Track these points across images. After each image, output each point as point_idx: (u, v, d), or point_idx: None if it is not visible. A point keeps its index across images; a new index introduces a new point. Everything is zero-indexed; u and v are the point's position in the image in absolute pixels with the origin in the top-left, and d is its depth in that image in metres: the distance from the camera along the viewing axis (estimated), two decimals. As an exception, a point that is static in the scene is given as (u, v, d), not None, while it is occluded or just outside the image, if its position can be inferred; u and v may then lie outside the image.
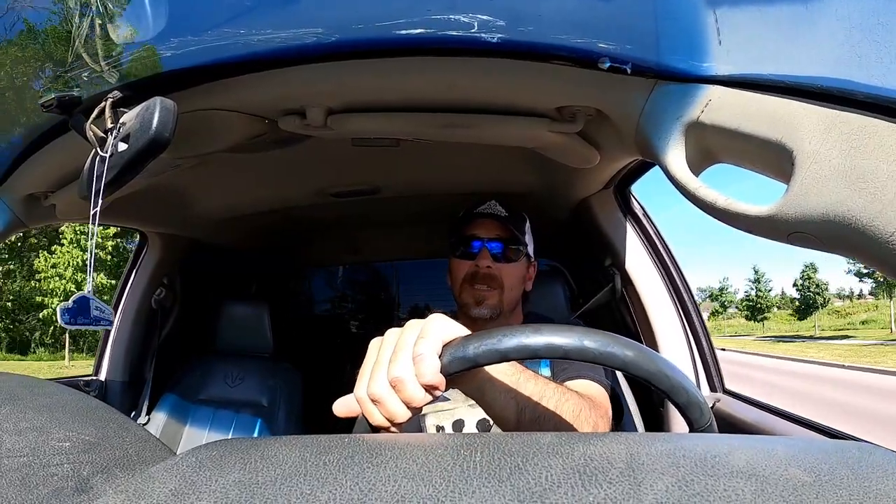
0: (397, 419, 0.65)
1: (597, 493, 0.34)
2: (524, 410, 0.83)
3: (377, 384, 0.65)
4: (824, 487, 0.34)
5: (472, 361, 0.62)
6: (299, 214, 2.32)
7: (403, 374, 0.63)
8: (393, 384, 0.64)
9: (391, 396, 0.64)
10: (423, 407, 0.66)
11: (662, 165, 0.85)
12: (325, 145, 1.34)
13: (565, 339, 0.60)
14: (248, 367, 2.48)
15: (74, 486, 0.43)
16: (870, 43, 0.55)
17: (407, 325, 0.69)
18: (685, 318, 1.82)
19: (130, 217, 2.06)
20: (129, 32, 0.79)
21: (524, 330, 0.61)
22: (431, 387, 0.63)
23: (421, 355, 0.63)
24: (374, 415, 0.66)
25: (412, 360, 0.64)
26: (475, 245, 1.49)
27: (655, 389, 0.61)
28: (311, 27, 0.78)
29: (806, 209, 0.61)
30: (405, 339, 0.67)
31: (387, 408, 0.65)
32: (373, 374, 0.67)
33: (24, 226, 1.29)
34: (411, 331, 0.68)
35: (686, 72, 0.77)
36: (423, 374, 0.62)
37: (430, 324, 0.67)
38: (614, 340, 0.61)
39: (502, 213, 1.53)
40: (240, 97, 0.99)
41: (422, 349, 0.63)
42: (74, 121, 0.88)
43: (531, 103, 1.06)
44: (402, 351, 0.65)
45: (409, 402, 0.64)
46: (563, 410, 0.89)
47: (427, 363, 0.62)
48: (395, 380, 0.64)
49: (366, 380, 0.68)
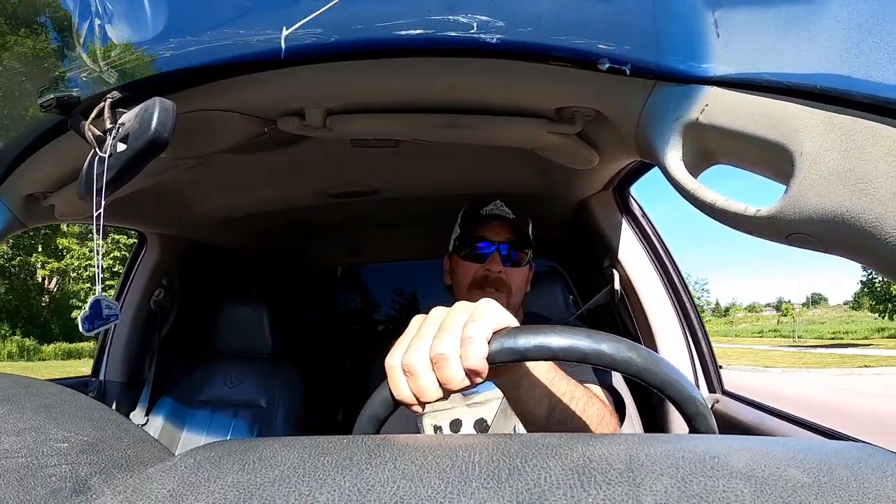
0: (426, 396, 0.62)
1: (596, 493, 0.34)
2: (555, 410, 0.81)
3: (416, 355, 0.63)
4: (823, 488, 0.34)
5: (520, 354, 0.61)
6: (298, 215, 2.32)
7: (448, 352, 0.61)
8: (434, 360, 0.62)
9: (427, 371, 0.62)
10: (450, 395, 0.64)
11: (661, 166, 0.85)
12: (325, 146, 1.34)
13: (614, 349, 0.60)
14: (247, 368, 2.47)
15: (72, 487, 0.43)
16: (869, 44, 0.55)
17: (456, 305, 0.67)
18: (684, 319, 1.82)
19: (129, 217, 2.06)
20: (128, 33, 0.79)
21: (578, 333, 0.61)
22: (474, 372, 0.61)
23: (471, 338, 0.60)
24: (401, 387, 0.64)
25: (460, 340, 0.61)
26: (484, 247, 1.47)
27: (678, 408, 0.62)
28: (311, 27, 0.78)
29: (805, 210, 0.61)
30: (454, 318, 0.64)
31: (419, 382, 0.62)
32: (412, 345, 0.64)
33: (23, 226, 1.29)
34: (461, 311, 0.65)
35: (685, 73, 0.77)
36: (468, 357, 0.60)
37: (482, 308, 0.65)
38: (655, 357, 0.61)
39: (510, 214, 1.50)
40: (238, 98, 0.99)
41: (473, 332, 0.61)
42: (73, 121, 0.88)
43: (530, 104, 1.06)
44: (450, 329, 0.63)
45: (446, 383, 0.62)
46: (589, 414, 0.88)
47: (476, 346, 0.60)
48: (439, 356, 0.61)
49: (402, 349, 0.65)
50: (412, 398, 0.63)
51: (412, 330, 0.68)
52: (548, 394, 0.80)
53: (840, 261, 2.40)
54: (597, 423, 0.89)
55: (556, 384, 0.82)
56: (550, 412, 0.81)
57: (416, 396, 0.63)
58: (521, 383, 0.77)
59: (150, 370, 2.42)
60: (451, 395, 1.28)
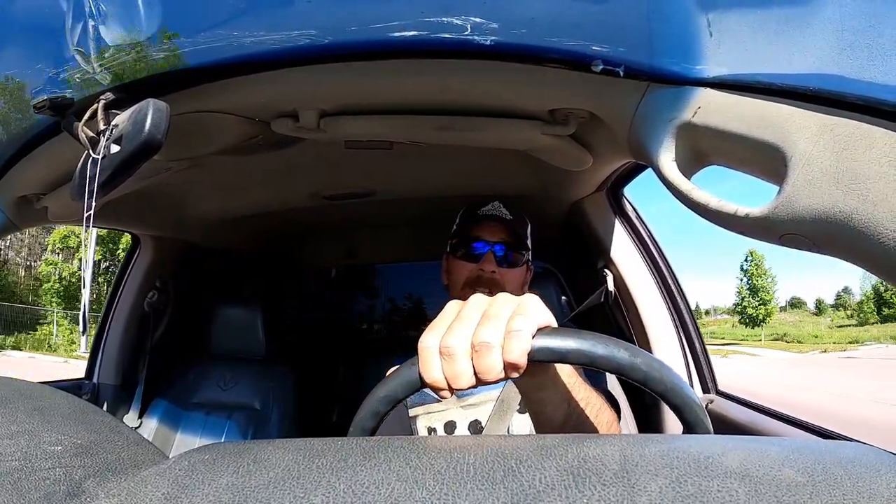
0: (459, 382, 0.60)
1: (591, 494, 0.34)
2: (571, 415, 0.80)
3: (457, 338, 0.61)
4: (818, 488, 0.34)
5: (560, 356, 0.60)
6: (293, 217, 2.32)
7: (493, 341, 0.59)
8: (476, 347, 0.60)
9: (466, 356, 0.60)
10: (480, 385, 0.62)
11: (655, 167, 0.85)
12: (319, 148, 1.33)
13: (647, 366, 0.60)
14: (242, 370, 2.47)
15: (66, 490, 0.43)
16: (861, 45, 0.56)
17: (499, 295, 0.66)
18: (678, 320, 1.83)
19: (123, 219, 2.05)
20: (121, 34, 0.79)
21: (618, 344, 0.60)
22: (513, 366, 0.59)
23: (519, 331, 0.59)
24: (433, 370, 0.61)
25: (505, 331, 0.60)
26: (479, 247, 1.47)
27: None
28: (304, 29, 0.78)
29: (798, 211, 0.61)
30: (499, 309, 0.63)
31: (456, 366, 0.60)
32: (453, 328, 0.62)
33: (16, 228, 1.28)
34: (507, 302, 0.64)
35: (679, 74, 0.77)
36: (511, 350, 0.59)
37: (529, 302, 0.63)
38: (682, 381, 0.61)
39: (507, 215, 1.51)
40: (232, 99, 0.99)
41: (520, 325, 0.60)
42: (67, 122, 0.87)
43: (524, 106, 1.06)
44: (496, 318, 0.61)
45: (483, 373, 0.60)
46: (601, 420, 0.87)
47: (522, 340, 0.59)
48: (482, 344, 0.59)
49: (440, 331, 0.63)
50: (443, 382, 0.61)
51: (450, 313, 0.66)
52: (568, 398, 0.80)
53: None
54: (607, 429, 0.89)
55: (576, 389, 0.81)
56: (567, 417, 0.80)
57: (449, 381, 0.61)
58: (546, 385, 0.76)
59: (143, 372, 2.41)
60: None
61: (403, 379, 0.64)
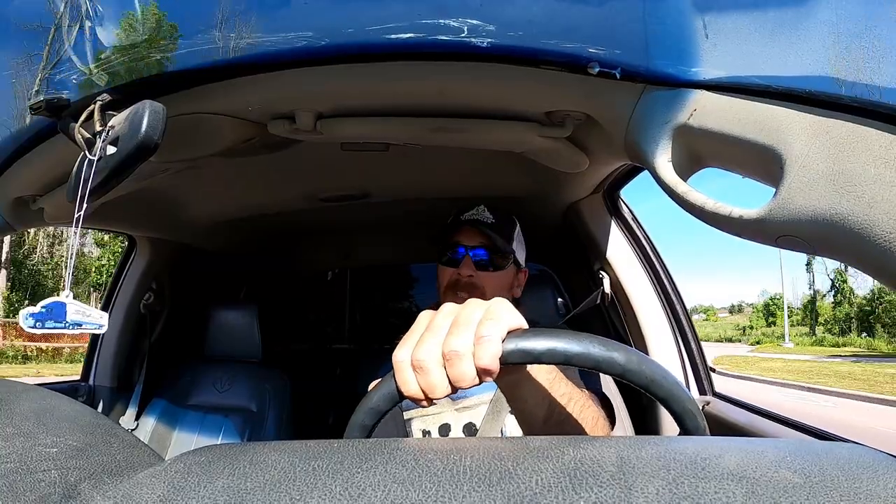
0: (435, 393, 0.61)
1: (587, 496, 0.34)
2: (553, 412, 0.81)
3: (426, 351, 0.62)
4: (815, 489, 0.34)
5: (533, 357, 0.60)
6: (289, 219, 2.32)
7: (462, 349, 0.60)
8: (447, 357, 0.60)
9: (438, 367, 0.61)
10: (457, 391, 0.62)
11: (651, 170, 0.85)
12: (315, 150, 1.33)
13: (625, 359, 0.60)
14: (238, 372, 2.47)
15: (62, 493, 0.42)
16: (857, 48, 0.56)
17: (468, 301, 0.66)
18: (674, 322, 1.83)
19: (119, 221, 2.05)
20: (118, 35, 0.79)
21: (591, 340, 0.60)
22: (485, 371, 0.60)
23: (488, 337, 0.60)
24: (408, 383, 0.62)
25: (474, 338, 0.60)
26: (459, 252, 1.48)
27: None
28: (301, 31, 0.78)
29: (794, 212, 0.61)
30: (469, 315, 0.63)
31: (429, 378, 0.61)
32: (423, 340, 0.63)
33: (11, 229, 1.28)
34: (475, 308, 0.64)
35: (675, 77, 0.77)
36: (482, 356, 0.59)
37: (497, 307, 0.64)
38: (663, 370, 0.61)
39: (489, 219, 1.51)
40: (229, 101, 0.99)
41: (489, 331, 0.60)
42: (63, 124, 0.87)
43: (520, 108, 1.06)
44: (464, 325, 0.62)
45: (457, 381, 0.60)
46: (585, 417, 0.87)
47: (491, 345, 0.59)
48: (452, 353, 0.60)
49: (411, 344, 0.64)
50: (420, 394, 0.62)
51: (422, 324, 0.67)
52: (548, 395, 0.80)
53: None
54: (591, 426, 0.89)
55: (556, 386, 0.82)
56: (549, 414, 0.80)
57: (425, 392, 0.62)
58: (522, 384, 0.77)
59: (140, 374, 2.41)
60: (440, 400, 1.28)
61: (383, 392, 0.65)
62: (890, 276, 0.57)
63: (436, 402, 0.64)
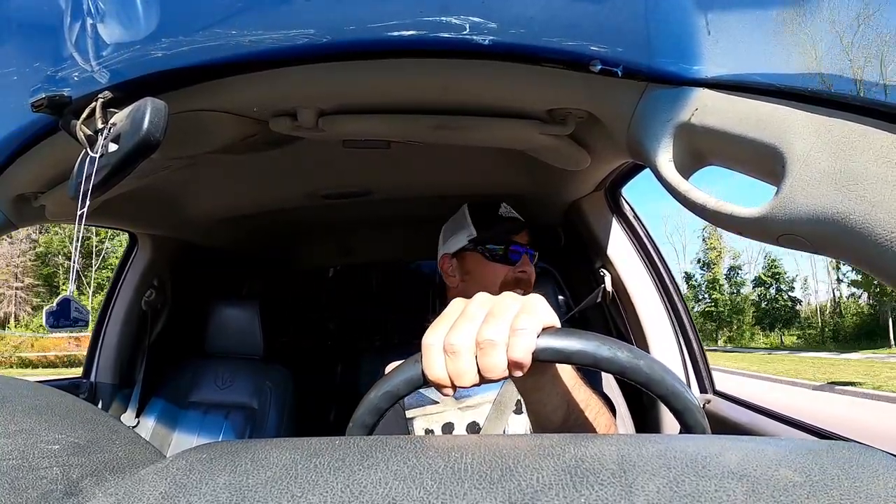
0: (463, 380, 0.60)
1: (588, 494, 0.34)
2: (570, 416, 0.80)
3: (461, 336, 0.60)
4: (815, 488, 0.34)
5: (565, 356, 0.60)
6: (290, 216, 2.32)
7: (498, 339, 0.59)
8: (481, 345, 0.59)
9: (469, 354, 0.60)
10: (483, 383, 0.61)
11: (653, 168, 0.85)
12: (316, 147, 1.33)
13: (649, 369, 0.60)
14: (239, 369, 2.46)
15: (63, 490, 0.43)
16: (859, 46, 0.56)
17: (504, 294, 0.65)
18: (675, 320, 1.83)
19: (120, 218, 2.05)
20: (120, 32, 0.79)
21: (621, 346, 0.60)
22: (517, 364, 0.59)
23: (524, 329, 0.59)
24: (436, 367, 0.61)
25: (510, 329, 0.60)
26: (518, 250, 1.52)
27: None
28: (303, 28, 0.78)
29: (796, 211, 0.61)
30: (506, 306, 0.62)
31: (459, 363, 0.60)
32: (458, 325, 0.62)
33: (13, 227, 1.28)
34: (513, 301, 0.63)
35: (677, 75, 0.77)
36: (516, 349, 0.58)
37: (534, 302, 0.63)
38: (682, 385, 0.61)
39: (522, 217, 1.58)
40: (231, 98, 0.99)
41: (525, 324, 0.59)
42: (65, 121, 0.87)
43: (522, 105, 1.06)
44: (501, 316, 0.61)
45: (487, 371, 0.59)
46: (599, 423, 0.86)
47: (526, 339, 0.59)
48: (486, 341, 0.59)
49: (444, 328, 0.62)
50: (447, 379, 0.61)
51: (455, 310, 0.65)
52: (568, 399, 0.79)
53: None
54: (605, 431, 0.88)
55: (576, 390, 0.81)
56: (566, 418, 0.79)
57: (452, 378, 0.61)
58: (545, 385, 0.76)
59: (141, 371, 2.41)
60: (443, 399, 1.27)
61: (406, 375, 0.64)
62: (891, 275, 0.57)
63: (455, 395, 0.62)
